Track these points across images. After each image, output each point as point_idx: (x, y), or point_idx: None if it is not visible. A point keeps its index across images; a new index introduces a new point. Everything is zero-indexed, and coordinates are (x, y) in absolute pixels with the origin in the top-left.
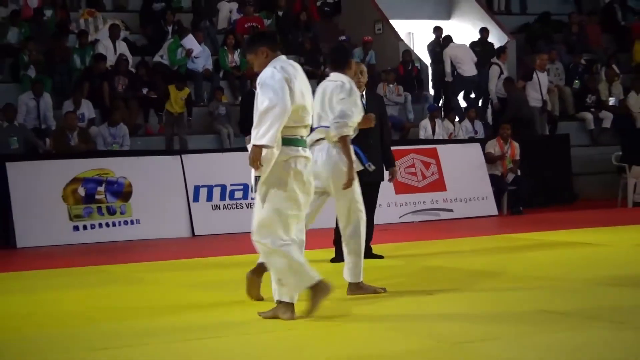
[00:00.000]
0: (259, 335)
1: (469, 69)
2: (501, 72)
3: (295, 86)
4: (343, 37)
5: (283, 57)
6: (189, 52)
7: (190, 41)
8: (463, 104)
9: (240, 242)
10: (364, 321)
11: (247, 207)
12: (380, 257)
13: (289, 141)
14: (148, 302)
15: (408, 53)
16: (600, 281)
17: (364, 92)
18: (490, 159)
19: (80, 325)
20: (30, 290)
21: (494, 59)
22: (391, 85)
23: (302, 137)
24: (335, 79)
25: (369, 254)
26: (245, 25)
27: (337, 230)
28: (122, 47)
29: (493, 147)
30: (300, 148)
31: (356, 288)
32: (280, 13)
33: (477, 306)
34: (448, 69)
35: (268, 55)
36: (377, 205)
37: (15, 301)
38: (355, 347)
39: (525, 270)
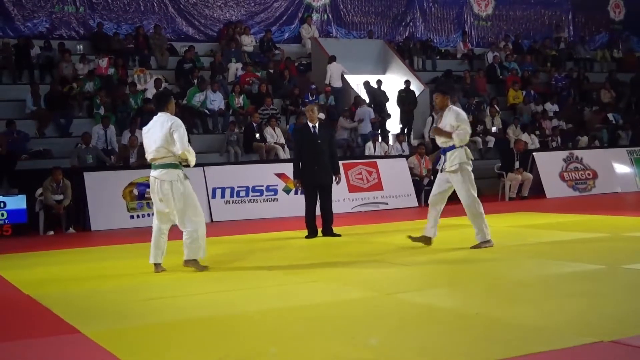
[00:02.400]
0: (262, 289)
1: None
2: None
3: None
4: (313, 86)
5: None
6: (204, 103)
7: (209, 95)
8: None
9: (244, 226)
10: (324, 280)
11: (249, 202)
12: (338, 235)
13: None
14: (183, 269)
15: (358, 97)
16: (483, 250)
17: (316, 124)
18: (411, 169)
19: (135, 282)
20: (100, 260)
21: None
22: (348, 119)
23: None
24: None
25: (330, 233)
26: (247, 79)
27: (307, 216)
28: None
29: (413, 161)
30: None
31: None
32: (271, 70)
33: (402, 268)
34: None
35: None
36: (336, 200)
37: (89, 267)
38: (318, 297)
39: (436, 244)
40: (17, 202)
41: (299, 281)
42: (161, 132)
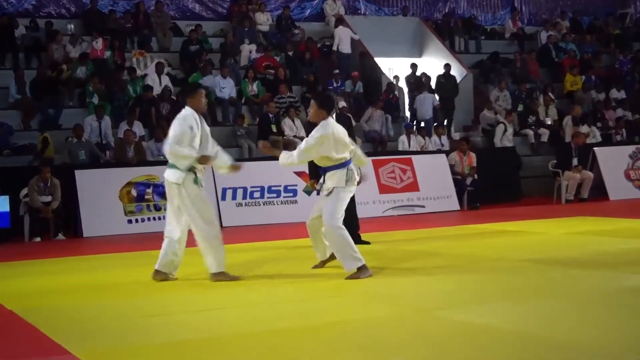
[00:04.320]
0: (274, 304)
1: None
2: (505, 130)
3: None
4: (337, 71)
5: None
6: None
7: (210, 80)
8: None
9: (258, 232)
10: (350, 294)
11: (263, 205)
12: (368, 243)
13: None
14: (188, 278)
15: (390, 85)
16: (537, 260)
17: (332, 115)
18: (452, 167)
19: (135, 297)
20: (93, 270)
21: (501, 118)
22: (378, 111)
23: None
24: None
25: (357, 240)
26: (264, 64)
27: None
28: (166, 80)
29: (454, 158)
30: None
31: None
32: (289, 53)
33: (442, 280)
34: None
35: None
36: (365, 202)
37: (81, 278)
38: (343, 314)
39: (481, 252)
40: None
41: (320, 296)
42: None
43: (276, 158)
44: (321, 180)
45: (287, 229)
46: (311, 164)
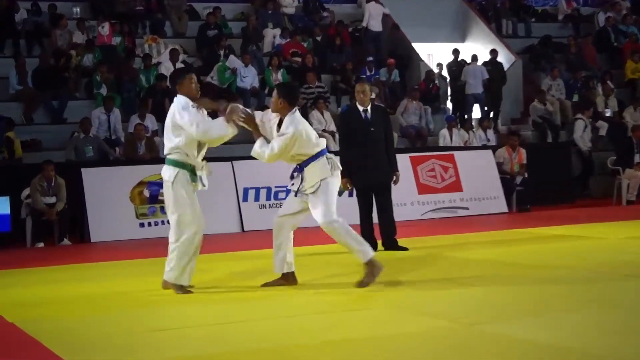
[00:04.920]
0: (297, 318)
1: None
2: (585, 126)
3: None
4: (370, 59)
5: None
6: (234, 70)
7: (233, 61)
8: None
9: None
10: (384, 307)
11: None
12: (405, 249)
13: None
14: (205, 288)
15: (431, 72)
16: (596, 268)
17: (368, 107)
18: (499, 165)
19: (145, 308)
20: (102, 278)
21: (579, 115)
22: (414, 102)
23: None
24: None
25: (393, 245)
26: (289, 51)
27: (361, 228)
28: None
29: (502, 154)
30: None
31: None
32: (317, 38)
33: (488, 291)
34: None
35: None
36: (402, 204)
37: (88, 288)
38: (375, 329)
39: (532, 260)
40: None
41: (350, 308)
42: (167, 120)
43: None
44: (298, 180)
45: (314, 234)
46: (342, 160)
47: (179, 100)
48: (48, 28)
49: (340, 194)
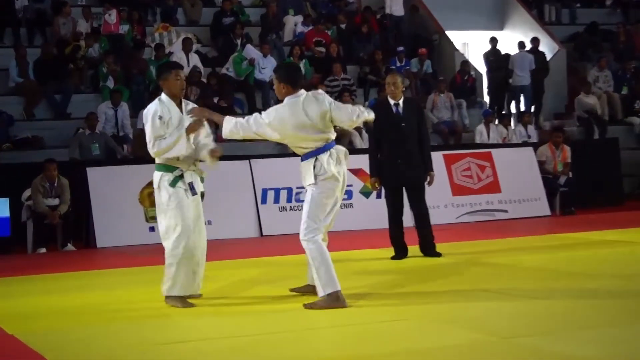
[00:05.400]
0: (323, 330)
1: (522, 77)
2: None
3: None
4: (401, 48)
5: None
6: (251, 61)
7: (251, 51)
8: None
9: None
10: (417, 318)
11: None
12: (439, 255)
13: None
14: (219, 299)
15: (466, 63)
16: None
17: (399, 100)
18: (541, 163)
19: (153, 318)
20: (109, 287)
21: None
22: (442, 95)
23: None
24: None
25: (431, 251)
26: (313, 40)
27: (391, 230)
28: (194, 59)
29: (545, 152)
30: None
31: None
32: (342, 25)
33: (529, 302)
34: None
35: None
36: (435, 206)
37: (94, 297)
38: (409, 342)
39: (577, 268)
40: None
41: (381, 319)
42: None
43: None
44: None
45: (339, 238)
46: (372, 156)
47: (150, 107)
48: (51, 16)
49: (367, 195)
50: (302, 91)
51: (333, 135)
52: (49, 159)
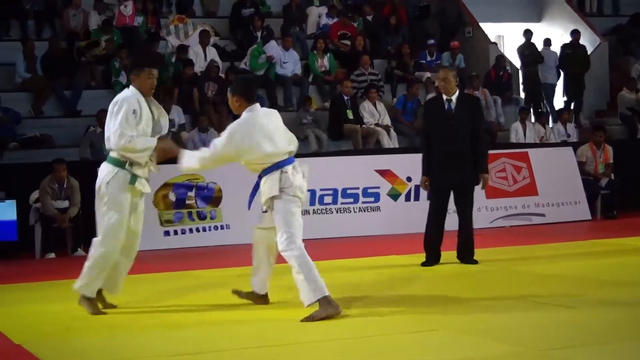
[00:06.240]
0: (349, 341)
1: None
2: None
3: None
4: (432, 41)
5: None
6: (269, 59)
7: (273, 48)
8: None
9: (329, 247)
10: (447, 328)
11: (337, 212)
12: (475, 262)
13: None
14: (236, 307)
15: (501, 58)
16: None
17: (452, 97)
18: (581, 164)
19: (168, 330)
20: (120, 295)
21: None
22: (476, 92)
23: None
24: None
25: (468, 259)
26: (338, 33)
27: (428, 233)
28: (212, 53)
29: (585, 152)
30: None
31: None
32: (369, 17)
33: (567, 313)
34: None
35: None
36: None
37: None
38: (438, 354)
39: (619, 276)
40: (4, 210)
41: (410, 330)
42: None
43: (356, 152)
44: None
45: (365, 244)
46: (423, 154)
47: (123, 98)
48: (60, 7)
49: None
50: (257, 105)
51: (295, 149)
52: (58, 158)
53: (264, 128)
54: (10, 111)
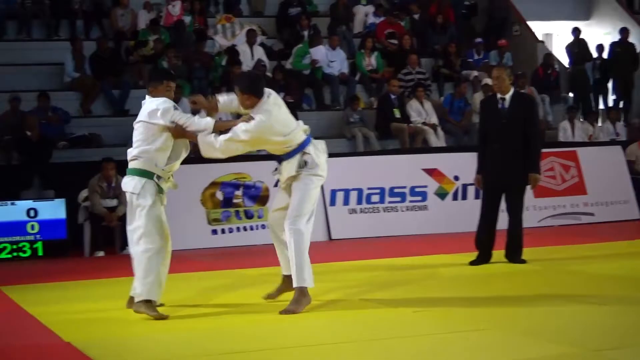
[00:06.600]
0: (397, 340)
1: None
2: None
3: None
4: (479, 40)
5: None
6: (314, 62)
7: (319, 52)
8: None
9: (376, 246)
10: (496, 328)
11: (384, 211)
12: (523, 261)
13: None
14: (283, 306)
15: (549, 56)
16: None
17: (507, 96)
18: (631, 163)
19: (217, 328)
20: (169, 293)
21: None
22: (522, 91)
23: None
24: None
25: (516, 258)
26: (385, 31)
27: (479, 232)
28: (259, 52)
29: (634, 151)
30: None
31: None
32: (415, 15)
33: (618, 312)
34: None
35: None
36: None
37: None
38: (486, 354)
39: None
40: (53, 209)
41: (457, 329)
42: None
43: (403, 151)
44: (277, 173)
45: (413, 243)
46: (480, 151)
47: (157, 101)
48: (109, 6)
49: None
50: (266, 96)
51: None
52: (106, 157)
53: (280, 117)
54: (59, 111)
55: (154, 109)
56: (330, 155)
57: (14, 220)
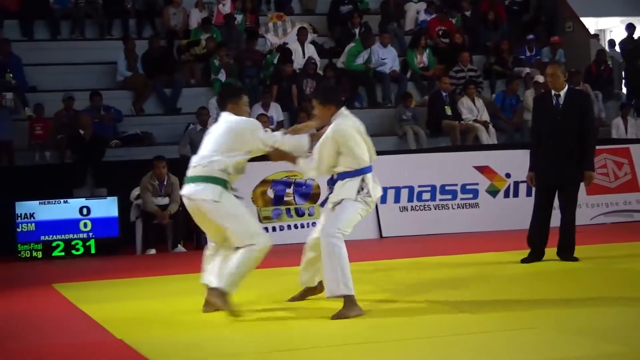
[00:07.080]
0: (447, 338)
1: None
2: None
3: None
4: (531, 37)
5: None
6: (368, 66)
7: (377, 52)
8: None
9: (427, 244)
10: (547, 327)
11: (435, 209)
12: (575, 259)
13: None
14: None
15: (602, 52)
16: None
17: (561, 92)
18: None
19: (269, 326)
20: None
21: None
22: (577, 88)
23: None
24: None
25: (568, 256)
26: (436, 29)
27: (532, 229)
28: (310, 50)
29: None
30: None
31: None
32: (466, 12)
33: None
34: None
35: None
36: None
37: (195, 302)
38: (537, 352)
39: None
40: (106, 207)
41: (507, 328)
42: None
43: (454, 148)
44: (328, 192)
45: (463, 241)
46: (533, 149)
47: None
48: (161, 6)
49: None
50: (343, 109)
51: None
52: (158, 156)
53: (356, 135)
54: (111, 109)
55: (250, 128)
56: (382, 152)
57: (67, 218)
